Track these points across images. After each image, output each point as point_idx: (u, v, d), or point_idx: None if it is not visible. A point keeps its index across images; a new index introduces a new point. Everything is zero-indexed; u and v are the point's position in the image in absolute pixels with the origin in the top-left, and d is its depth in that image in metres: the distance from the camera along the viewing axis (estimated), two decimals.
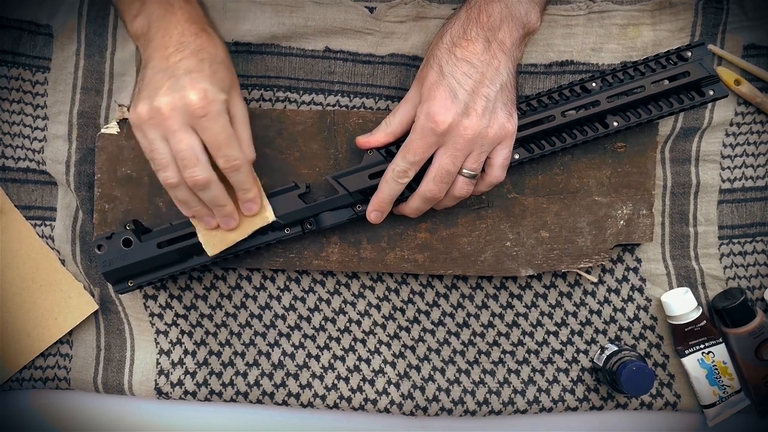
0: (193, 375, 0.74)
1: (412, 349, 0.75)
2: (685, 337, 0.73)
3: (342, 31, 0.72)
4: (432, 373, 0.75)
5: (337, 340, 0.75)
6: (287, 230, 0.68)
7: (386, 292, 0.74)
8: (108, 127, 0.71)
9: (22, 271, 0.73)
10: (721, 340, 0.73)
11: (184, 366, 0.74)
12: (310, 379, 0.75)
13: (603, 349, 0.74)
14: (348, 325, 0.75)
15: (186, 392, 0.74)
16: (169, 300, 0.74)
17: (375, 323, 0.75)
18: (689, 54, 0.67)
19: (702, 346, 0.73)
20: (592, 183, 0.72)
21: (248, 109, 0.70)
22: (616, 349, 0.72)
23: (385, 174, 0.65)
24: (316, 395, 0.75)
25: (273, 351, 0.75)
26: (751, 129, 0.74)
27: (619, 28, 0.72)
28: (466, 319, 0.75)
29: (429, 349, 0.75)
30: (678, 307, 0.72)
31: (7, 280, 0.73)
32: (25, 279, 0.73)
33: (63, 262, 0.74)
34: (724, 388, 0.73)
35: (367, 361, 0.75)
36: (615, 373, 0.69)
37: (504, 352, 0.75)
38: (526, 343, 0.75)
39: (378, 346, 0.75)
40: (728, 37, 0.73)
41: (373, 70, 0.72)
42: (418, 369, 0.75)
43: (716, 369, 0.73)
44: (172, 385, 0.74)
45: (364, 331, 0.75)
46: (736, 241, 0.75)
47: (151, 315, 0.74)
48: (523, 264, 0.72)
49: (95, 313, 0.75)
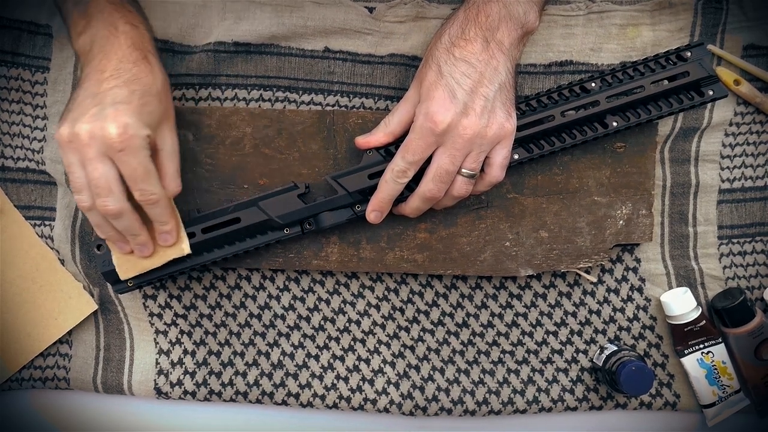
0: (193, 375, 0.74)
1: (412, 349, 0.75)
2: (684, 336, 0.73)
3: (341, 31, 0.72)
4: (431, 372, 0.75)
5: (337, 340, 0.75)
6: (287, 230, 0.68)
7: (386, 292, 0.74)
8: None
9: (21, 271, 0.73)
10: (720, 340, 0.73)
11: (184, 366, 0.74)
12: (310, 379, 0.75)
13: (602, 349, 0.74)
14: (347, 325, 0.75)
15: (185, 392, 0.74)
16: (169, 300, 0.74)
17: (374, 323, 0.75)
18: (689, 54, 0.67)
19: (701, 346, 0.73)
20: (591, 183, 0.72)
21: (247, 109, 0.70)
22: (616, 348, 0.72)
23: (385, 174, 0.65)
24: (315, 395, 0.75)
25: (272, 351, 0.75)
26: (751, 129, 0.74)
27: (619, 28, 0.72)
28: (466, 319, 0.75)
29: (428, 349, 0.75)
30: (677, 307, 0.72)
31: (7, 280, 0.73)
32: (24, 279, 0.73)
33: (62, 262, 0.74)
34: (724, 388, 0.73)
35: (367, 361, 0.75)
36: (614, 372, 0.69)
37: (503, 351, 0.75)
38: (525, 343, 0.75)
39: (377, 345, 0.75)
40: (728, 38, 0.73)
41: (373, 70, 0.72)
42: (418, 369, 0.75)
43: (716, 369, 0.73)
44: (172, 385, 0.74)
45: (363, 331, 0.75)
46: (735, 241, 0.75)
47: (151, 315, 0.74)
48: (523, 264, 0.72)
49: (95, 313, 0.75)
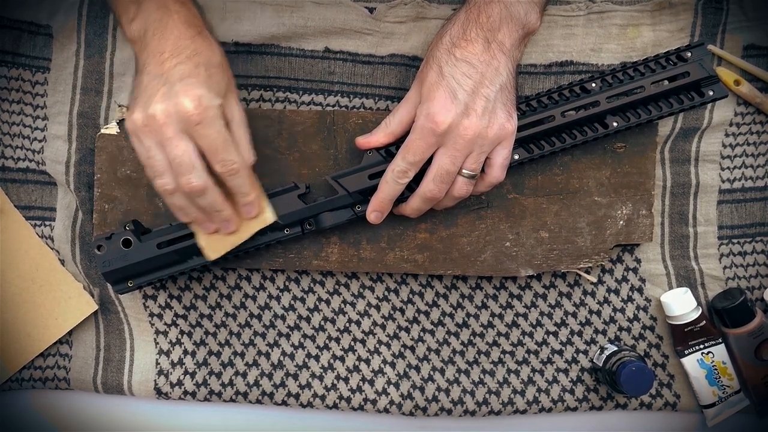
0: (193, 375, 0.74)
1: (412, 350, 0.75)
2: (684, 337, 0.73)
3: (342, 32, 0.72)
4: (431, 373, 0.75)
5: (337, 341, 0.75)
6: (287, 230, 0.68)
7: (386, 293, 0.74)
8: (108, 128, 0.71)
9: (22, 271, 0.73)
10: (720, 341, 0.73)
11: (184, 366, 0.74)
12: (310, 379, 0.75)
13: (602, 350, 0.74)
14: (348, 325, 0.75)
15: (185, 392, 0.74)
16: (169, 300, 0.74)
17: (374, 323, 0.75)
18: (689, 54, 0.67)
19: (701, 347, 0.73)
20: (591, 183, 0.72)
21: (247, 109, 0.70)
22: (616, 349, 0.72)
23: (385, 174, 0.65)
24: (315, 395, 0.75)
25: (272, 351, 0.75)
26: (751, 129, 0.74)
27: (619, 29, 0.72)
28: (466, 320, 0.75)
29: (429, 350, 0.75)
30: (677, 308, 0.72)
31: (7, 280, 0.73)
32: (25, 279, 0.73)
33: (63, 262, 0.74)
34: (724, 389, 0.73)
35: (367, 362, 0.75)
36: (614, 373, 0.69)
37: (504, 352, 0.75)
38: (525, 344, 0.75)
39: (377, 346, 0.75)
40: (728, 38, 0.73)
41: (373, 70, 0.72)
42: (418, 369, 0.75)
43: (716, 369, 0.73)
44: (172, 385, 0.74)
45: (363, 332, 0.75)
46: (735, 241, 0.75)
47: (151, 315, 0.74)
48: (523, 264, 0.72)
49: (95, 314, 0.75)
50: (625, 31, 0.72)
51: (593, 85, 0.68)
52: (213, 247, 0.66)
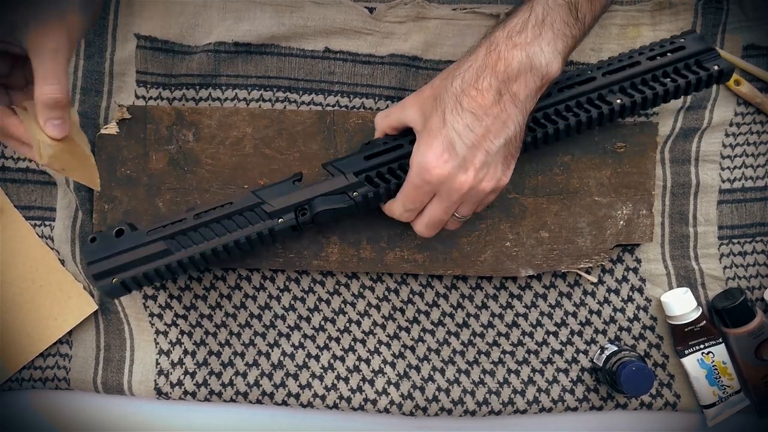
0: (193, 375, 0.74)
1: (412, 350, 0.75)
2: (684, 337, 0.73)
3: (342, 32, 0.72)
4: (432, 373, 0.75)
5: (337, 341, 0.75)
6: (280, 219, 0.64)
7: (386, 293, 0.74)
8: (107, 128, 0.71)
9: (21, 272, 0.73)
10: (720, 341, 0.73)
11: (184, 366, 0.74)
12: (310, 379, 0.75)
13: (603, 350, 0.74)
14: (348, 325, 0.75)
15: (186, 392, 0.74)
16: (169, 300, 0.74)
17: (375, 323, 0.75)
18: (682, 40, 0.66)
19: (702, 347, 0.73)
20: (592, 183, 0.72)
21: (248, 109, 0.70)
22: (616, 349, 0.72)
23: (391, 213, 0.65)
24: (315, 395, 0.75)
25: (273, 351, 0.75)
26: (751, 129, 0.74)
27: (619, 29, 0.72)
28: (466, 320, 0.75)
29: (429, 350, 0.75)
30: (678, 308, 0.72)
31: (7, 280, 0.73)
32: (25, 279, 0.73)
33: (63, 262, 0.74)
34: (724, 388, 0.73)
35: (367, 362, 0.75)
36: (615, 373, 0.69)
37: (504, 352, 0.75)
38: (525, 344, 0.75)
39: (378, 346, 0.75)
40: (728, 38, 0.73)
41: (373, 70, 0.72)
42: (418, 369, 0.75)
43: (716, 369, 0.73)
44: (172, 385, 0.74)
45: (363, 332, 0.75)
46: (735, 241, 0.75)
47: (151, 315, 0.74)
48: (523, 264, 0.72)
49: (95, 314, 0.75)
50: (625, 31, 0.72)
51: (590, 72, 0.65)
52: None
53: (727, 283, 0.75)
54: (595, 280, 0.75)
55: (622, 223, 0.72)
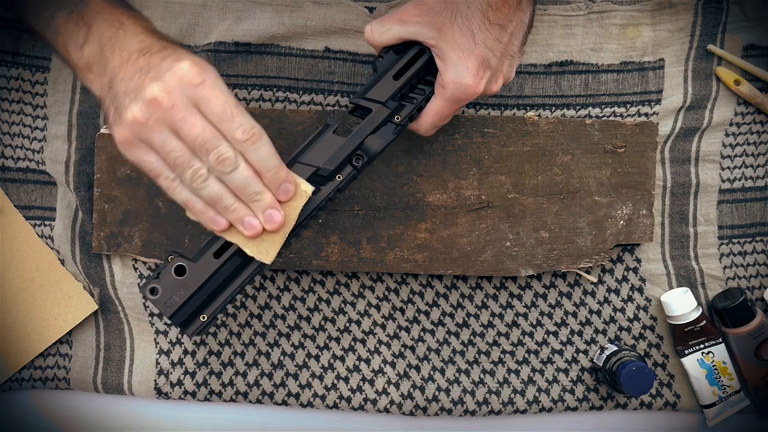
0: (193, 375, 0.74)
1: (412, 349, 0.75)
2: (684, 337, 0.73)
3: (342, 32, 0.72)
4: (432, 373, 0.75)
5: (337, 340, 0.75)
6: (339, 176, 0.59)
7: (386, 292, 0.74)
8: (107, 127, 0.71)
9: (21, 271, 0.73)
10: (720, 340, 0.73)
11: (184, 366, 0.74)
12: (310, 379, 0.75)
13: (603, 349, 0.74)
14: (348, 325, 0.75)
15: (185, 392, 0.74)
16: None
17: (375, 323, 0.75)
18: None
19: (702, 346, 0.73)
20: (592, 183, 0.72)
21: (247, 109, 0.70)
22: (616, 349, 0.72)
23: (418, 129, 0.63)
24: (315, 395, 0.75)
25: (273, 351, 0.75)
26: (751, 129, 0.74)
27: (619, 28, 0.72)
28: (466, 319, 0.75)
29: (429, 349, 0.75)
30: (678, 307, 0.72)
31: (7, 280, 0.73)
32: (24, 279, 0.73)
33: (63, 262, 0.74)
34: (724, 388, 0.73)
35: (367, 361, 0.75)
36: (615, 373, 0.69)
37: (504, 352, 0.75)
38: (525, 343, 0.75)
39: (378, 346, 0.75)
40: (728, 37, 0.73)
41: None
42: (418, 369, 0.75)
43: (716, 369, 0.73)
44: (172, 385, 0.74)
45: (363, 331, 0.75)
46: (735, 241, 0.75)
47: (151, 315, 0.74)
48: (523, 264, 0.72)
49: (95, 313, 0.75)
50: (625, 31, 0.72)
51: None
52: (264, 249, 0.56)
53: (727, 283, 0.75)
54: (595, 280, 0.75)
55: (622, 223, 0.72)
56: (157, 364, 0.74)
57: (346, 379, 0.75)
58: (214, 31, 0.72)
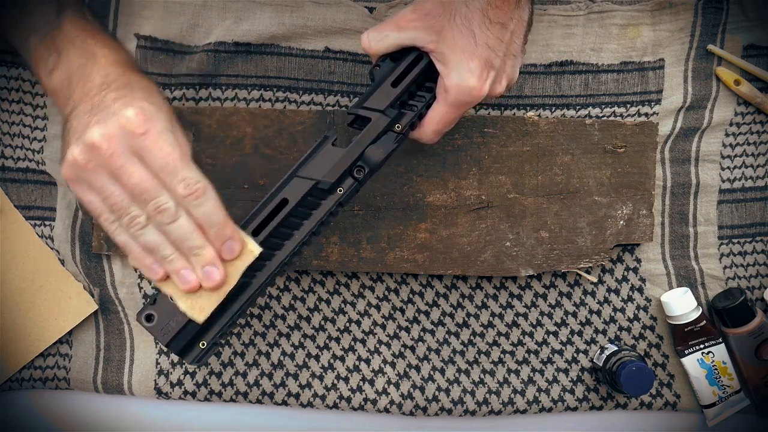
0: (193, 375, 0.74)
1: (412, 349, 0.75)
2: (684, 337, 0.73)
3: (342, 32, 0.72)
4: (432, 373, 0.75)
5: (337, 340, 0.75)
6: (340, 189, 0.58)
7: (386, 292, 0.74)
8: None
9: (21, 271, 0.73)
10: (720, 340, 0.73)
11: (184, 366, 0.74)
12: (310, 379, 0.75)
13: (603, 349, 0.74)
14: (348, 325, 0.75)
15: (185, 392, 0.74)
16: None
17: (375, 323, 0.75)
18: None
19: (702, 346, 0.73)
20: (592, 183, 0.72)
21: (247, 109, 0.70)
22: (616, 349, 0.72)
23: (421, 138, 0.62)
24: (315, 395, 0.75)
25: (272, 351, 0.75)
26: (751, 129, 0.74)
27: (619, 29, 0.72)
28: (466, 319, 0.75)
29: (429, 349, 0.75)
30: (678, 307, 0.72)
31: (7, 280, 0.73)
32: (24, 279, 0.73)
33: (62, 262, 0.74)
34: (724, 388, 0.73)
35: (367, 361, 0.75)
36: (615, 373, 0.69)
37: (504, 352, 0.75)
38: (525, 343, 0.75)
39: (378, 346, 0.75)
40: (728, 37, 0.73)
41: None
42: (418, 369, 0.75)
43: (716, 369, 0.73)
44: (172, 385, 0.74)
45: (363, 331, 0.75)
46: (735, 241, 0.75)
47: None
48: (523, 264, 0.72)
49: (95, 313, 0.75)
50: (625, 31, 0.72)
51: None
52: (199, 306, 0.53)
53: (727, 283, 0.75)
54: (595, 280, 0.75)
55: (622, 223, 0.72)
56: (157, 364, 0.74)
57: (346, 379, 0.75)
58: (214, 31, 0.72)
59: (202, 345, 0.56)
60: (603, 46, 0.72)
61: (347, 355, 0.75)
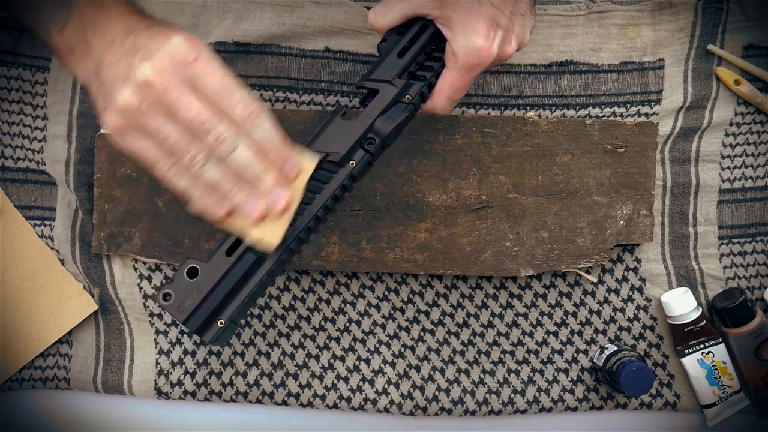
0: (193, 375, 0.74)
1: (412, 349, 0.75)
2: (684, 337, 0.73)
3: (342, 32, 0.72)
4: (432, 373, 0.75)
5: (337, 340, 0.75)
6: (352, 162, 0.57)
7: (386, 292, 0.74)
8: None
9: (21, 271, 0.73)
10: (720, 340, 0.73)
11: (184, 366, 0.74)
12: (310, 379, 0.75)
13: (603, 349, 0.74)
14: (348, 325, 0.75)
15: (185, 392, 0.74)
16: None
17: (375, 323, 0.75)
18: None
19: (702, 346, 0.73)
20: (592, 183, 0.72)
21: None
22: (616, 349, 0.72)
23: (433, 108, 0.61)
24: (315, 395, 0.75)
25: (272, 351, 0.75)
26: (751, 129, 0.74)
27: (619, 28, 0.72)
28: (466, 319, 0.75)
29: (429, 349, 0.75)
30: (678, 307, 0.72)
31: (7, 280, 0.73)
32: (24, 279, 0.73)
33: (62, 262, 0.74)
34: (724, 388, 0.73)
35: (367, 361, 0.75)
36: (615, 373, 0.69)
37: (504, 352, 0.75)
38: (525, 343, 0.75)
39: (378, 346, 0.75)
40: (728, 38, 0.73)
41: None
42: (418, 369, 0.75)
43: (716, 369, 0.73)
44: (172, 385, 0.74)
45: (363, 331, 0.75)
46: (735, 241, 0.75)
47: (151, 315, 0.74)
48: (523, 264, 0.72)
49: (95, 313, 0.75)
50: (625, 31, 0.72)
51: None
52: (268, 232, 0.52)
53: (727, 283, 0.75)
54: (595, 280, 0.75)
55: (622, 223, 0.72)
56: (157, 364, 0.74)
57: (346, 379, 0.75)
58: (214, 31, 0.72)
59: (221, 323, 0.55)
60: (603, 46, 0.72)
61: (347, 355, 0.75)
